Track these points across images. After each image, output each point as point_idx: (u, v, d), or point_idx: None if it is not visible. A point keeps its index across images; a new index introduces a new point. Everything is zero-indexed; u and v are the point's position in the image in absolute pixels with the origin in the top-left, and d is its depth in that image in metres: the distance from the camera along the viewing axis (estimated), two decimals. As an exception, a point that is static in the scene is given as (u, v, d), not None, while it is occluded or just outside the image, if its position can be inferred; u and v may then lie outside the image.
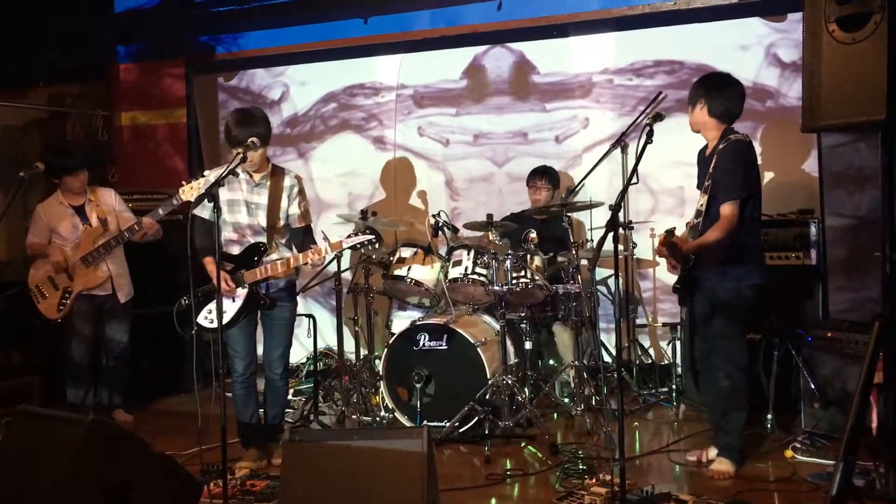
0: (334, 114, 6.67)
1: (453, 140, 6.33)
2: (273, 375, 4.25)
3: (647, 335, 5.77)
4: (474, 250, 4.80)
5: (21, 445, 3.09)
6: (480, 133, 6.24)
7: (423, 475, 2.77)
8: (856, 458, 2.57)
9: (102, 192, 5.17)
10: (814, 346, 4.29)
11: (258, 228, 4.12)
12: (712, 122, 3.88)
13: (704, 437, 4.35)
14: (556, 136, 6.03)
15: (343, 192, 6.66)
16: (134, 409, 5.37)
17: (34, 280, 4.96)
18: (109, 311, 5.06)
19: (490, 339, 4.79)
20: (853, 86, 2.73)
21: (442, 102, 6.34)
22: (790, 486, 3.69)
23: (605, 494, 3.44)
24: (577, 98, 5.98)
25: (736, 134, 3.84)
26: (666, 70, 5.73)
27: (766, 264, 3.99)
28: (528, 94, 6.08)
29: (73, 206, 5.02)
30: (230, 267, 4.06)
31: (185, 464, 3.52)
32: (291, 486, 2.92)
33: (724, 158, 3.79)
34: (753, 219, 3.85)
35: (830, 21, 2.80)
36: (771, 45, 5.42)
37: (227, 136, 3.97)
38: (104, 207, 5.08)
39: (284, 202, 4.16)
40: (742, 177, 3.74)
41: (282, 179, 4.15)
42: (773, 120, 5.45)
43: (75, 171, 4.97)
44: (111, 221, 5.05)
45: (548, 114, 6.04)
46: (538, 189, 5.50)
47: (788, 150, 5.39)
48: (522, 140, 6.11)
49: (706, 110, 3.87)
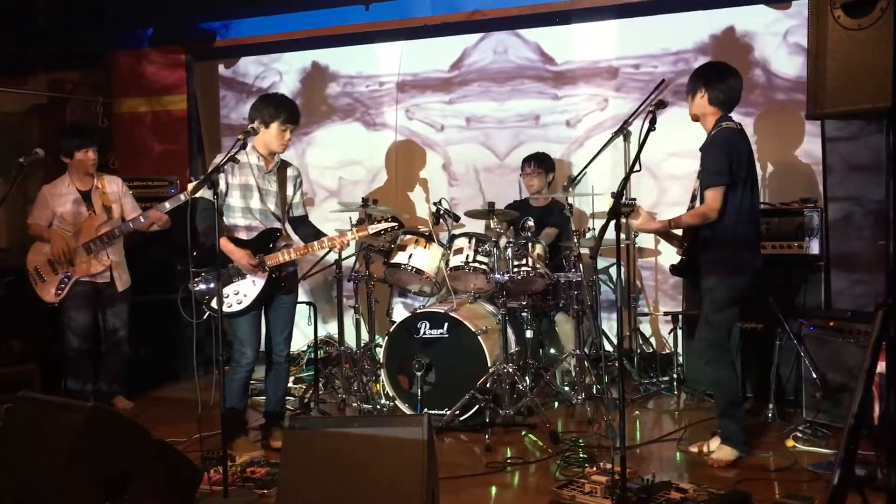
0: (334, 100, 6.64)
1: (448, 125, 6.32)
2: (279, 358, 4.28)
3: (648, 324, 5.77)
4: (475, 238, 4.79)
5: (21, 432, 3.09)
6: (473, 117, 6.22)
7: (424, 463, 2.76)
8: (857, 448, 2.56)
9: (109, 180, 5.16)
10: (815, 335, 4.28)
11: (269, 214, 4.14)
12: (711, 111, 3.88)
13: (705, 426, 4.35)
14: (568, 119, 5.99)
15: (342, 179, 6.63)
16: (134, 396, 5.37)
17: (33, 263, 4.95)
18: (108, 297, 5.06)
19: (491, 327, 4.78)
20: (858, 73, 2.71)
21: (440, 89, 6.31)
22: (791, 475, 3.69)
23: (606, 483, 3.43)
24: (582, 84, 5.95)
25: (728, 122, 3.84)
26: (672, 58, 5.69)
27: (760, 254, 3.95)
28: (543, 79, 6.05)
29: (80, 192, 5.01)
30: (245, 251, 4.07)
31: (184, 451, 3.51)
32: (291, 474, 2.91)
33: (710, 146, 3.82)
34: (751, 207, 3.83)
35: (836, 7, 2.77)
36: (786, 32, 5.36)
37: (262, 116, 4.04)
38: (110, 195, 5.07)
39: (290, 190, 4.28)
40: (725, 163, 3.73)
41: (286, 169, 4.26)
42: (775, 107, 5.42)
43: (87, 148, 4.97)
44: (115, 210, 5.05)
45: (558, 101, 6.00)
46: (529, 175, 5.52)
47: (789, 138, 5.36)
48: (533, 124, 6.07)
49: (706, 99, 3.87)
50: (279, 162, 4.23)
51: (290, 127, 4.11)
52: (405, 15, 6.24)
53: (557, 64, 6.00)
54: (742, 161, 3.78)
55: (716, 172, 3.75)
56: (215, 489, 3.43)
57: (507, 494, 3.70)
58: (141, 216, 4.88)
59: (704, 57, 5.43)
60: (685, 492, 3.43)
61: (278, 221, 4.20)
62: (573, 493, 3.47)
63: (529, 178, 5.52)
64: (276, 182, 4.19)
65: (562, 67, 5.99)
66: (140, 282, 5.28)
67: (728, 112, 3.89)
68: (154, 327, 5.72)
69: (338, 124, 6.66)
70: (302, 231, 4.36)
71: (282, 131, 4.08)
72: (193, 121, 6.94)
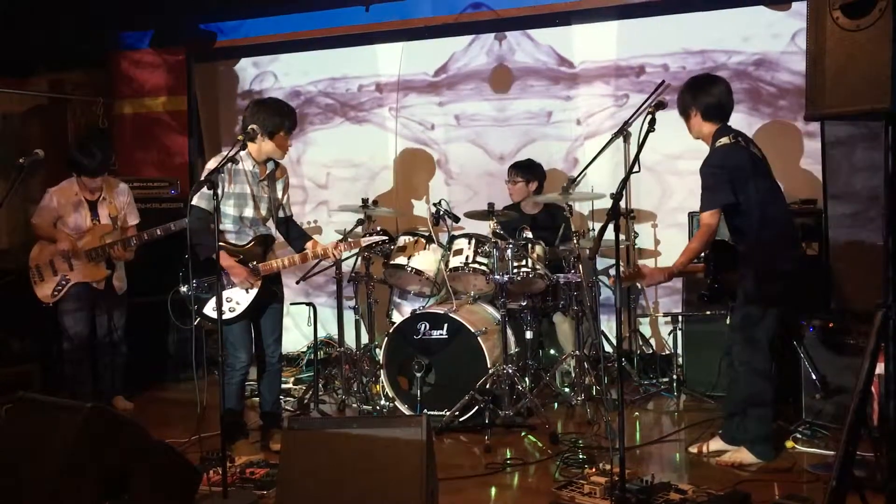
0: (334, 101, 6.64)
1: (439, 124, 6.33)
2: (271, 360, 4.29)
3: (647, 325, 5.76)
4: (475, 239, 4.79)
5: (20, 432, 3.10)
6: (474, 117, 6.22)
7: (423, 463, 2.77)
8: (856, 449, 2.56)
9: (118, 191, 5.15)
10: (816, 336, 4.27)
11: (259, 221, 4.15)
12: (708, 126, 3.87)
13: (705, 427, 4.35)
14: (577, 118, 5.98)
15: (344, 180, 6.63)
16: (134, 396, 5.38)
17: (36, 259, 4.96)
18: (106, 300, 5.09)
19: (491, 328, 4.78)
20: (857, 74, 2.69)
21: (440, 89, 6.31)
22: (791, 476, 3.69)
23: (605, 484, 3.43)
24: (588, 84, 5.94)
25: (723, 137, 3.81)
26: (672, 59, 5.70)
27: (796, 254, 3.92)
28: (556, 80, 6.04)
29: (88, 201, 5.02)
30: (239, 258, 4.07)
31: (184, 452, 3.52)
32: (291, 474, 2.92)
33: (703, 167, 3.81)
34: (774, 210, 3.79)
35: (835, 8, 2.77)
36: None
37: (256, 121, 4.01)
38: (116, 205, 5.09)
39: (279, 193, 4.27)
40: (720, 185, 3.72)
41: (276, 171, 4.24)
42: (775, 108, 5.42)
43: (94, 175, 4.96)
44: (120, 219, 5.09)
45: (568, 101, 5.99)
46: (509, 183, 5.56)
47: (788, 140, 5.36)
48: (543, 122, 6.06)
49: (700, 116, 3.87)
50: (273, 166, 4.21)
51: (291, 133, 4.12)
52: (405, 16, 6.24)
53: (567, 64, 5.97)
54: (744, 174, 3.75)
55: (710, 196, 3.75)
56: (215, 490, 3.43)
57: (506, 495, 3.70)
58: (134, 237, 4.96)
59: (709, 58, 5.44)
60: (684, 493, 3.42)
61: (269, 226, 4.20)
62: (572, 494, 3.47)
63: (511, 186, 5.56)
64: (269, 187, 4.18)
65: (573, 68, 5.96)
66: (141, 283, 5.29)
67: (725, 121, 3.86)
68: (154, 329, 5.73)
69: (338, 125, 6.65)
70: (289, 233, 4.35)
71: (284, 140, 4.08)
72: (194, 122, 6.95)
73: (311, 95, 6.70)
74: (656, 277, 3.78)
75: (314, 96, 6.70)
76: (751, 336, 3.82)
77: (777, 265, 3.79)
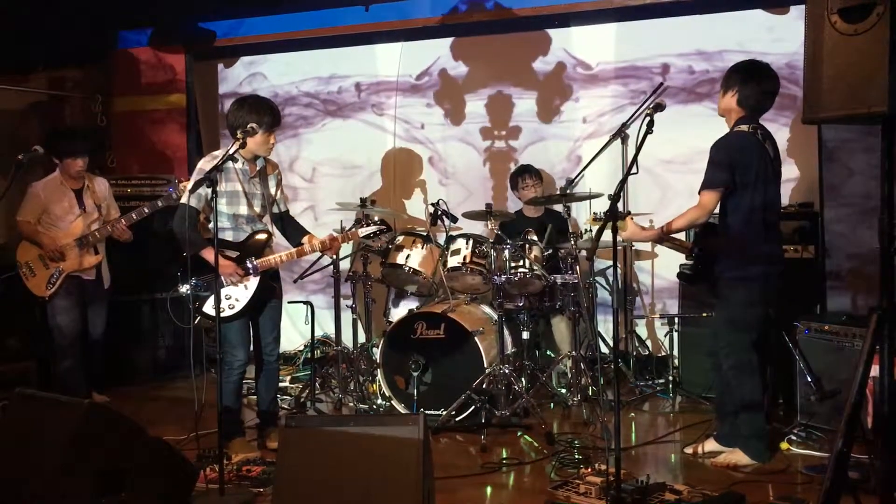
0: (334, 100, 6.65)
1: (448, 125, 6.33)
2: (270, 358, 4.30)
3: (644, 326, 5.78)
4: (473, 239, 4.80)
5: (18, 428, 3.10)
6: (474, 116, 6.23)
7: (419, 462, 2.77)
8: (851, 451, 2.57)
9: (98, 182, 5.28)
10: (811, 338, 4.29)
11: (255, 218, 4.15)
12: (736, 110, 3.83)
13: (700, 428, 4.36)
14: (584, 117, 5.99)
15: (340, 179, 6.64)
16: (134, 394, 5.39)
17: (24, 257, 4.98)
18: (93, 294, 5.14)
19: (488, 328, 4.79)
20: (855, 77, 2.71)
21: (440, 89, 6.32)
22: (785, 477, 3.70)
23: (600, 484, 3.44)
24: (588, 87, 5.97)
25: (742, 125, 3.78)
26: (672, 59, 5.72)
27: (779, 255, 3.90)
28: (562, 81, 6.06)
29: (73, 190, 5.09)
30: (235, 255, 4.07)
31: (181, 449, 3.52)
32: (287, 472, 2.92)
33: (713, 147, 3.81)
34: (764, 209, 3.78)
35: (833, 12, 2.78)
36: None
37: (237, 120, 4.02)
38: (98, 194, 5.20)
39: (273, 189, 4.27)
40: (724, 166, 3.72)
41: (267, 167, 4.25)
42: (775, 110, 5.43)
43: (76, 156, 5.05)
44: (104, 209, 5.19)
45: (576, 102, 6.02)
46: (530, 187, 5.52)
47: (787, 141, 5.38)
48: (547, 123, 6.08)
49: (736, 98, 3.81)
50: (263, 163, 4.22)
51: (274, 130, 4.11)
52: (405, 16, 6.25)
53: (569, 64, 6.00)
54: (749, 164, 3.72)
55: (711, 174, 3.75)
56: (211, 487, 3.44)
57: (502, 495, 3.71)
58: (114, 221, 5.02)
59: (702, 58, 5.46)
60: (679, 493, 3.43)
61: (265, 222, 4.20)
62: (568, 494, 3.48)
63: (529, 189, 5.51)
64: (260, 183, 4.19)
65: (569, 69, 5.99)
66: (135, 280, 5.33)
67: (753, 116, 3.82)
68: (147, 327, 5.83)
69: (338, 125, 6.65)
70: (285, 228, 4.37)
71: (267, 136, 4.08)
72: (193, 120, 6.95)
73: (310, 95, 6.70)
74: (637, 234, 3.92)
75: (314, 96, 6.70)
76: (734, 337, 3.84)
77: (755, 260, 3.78)
